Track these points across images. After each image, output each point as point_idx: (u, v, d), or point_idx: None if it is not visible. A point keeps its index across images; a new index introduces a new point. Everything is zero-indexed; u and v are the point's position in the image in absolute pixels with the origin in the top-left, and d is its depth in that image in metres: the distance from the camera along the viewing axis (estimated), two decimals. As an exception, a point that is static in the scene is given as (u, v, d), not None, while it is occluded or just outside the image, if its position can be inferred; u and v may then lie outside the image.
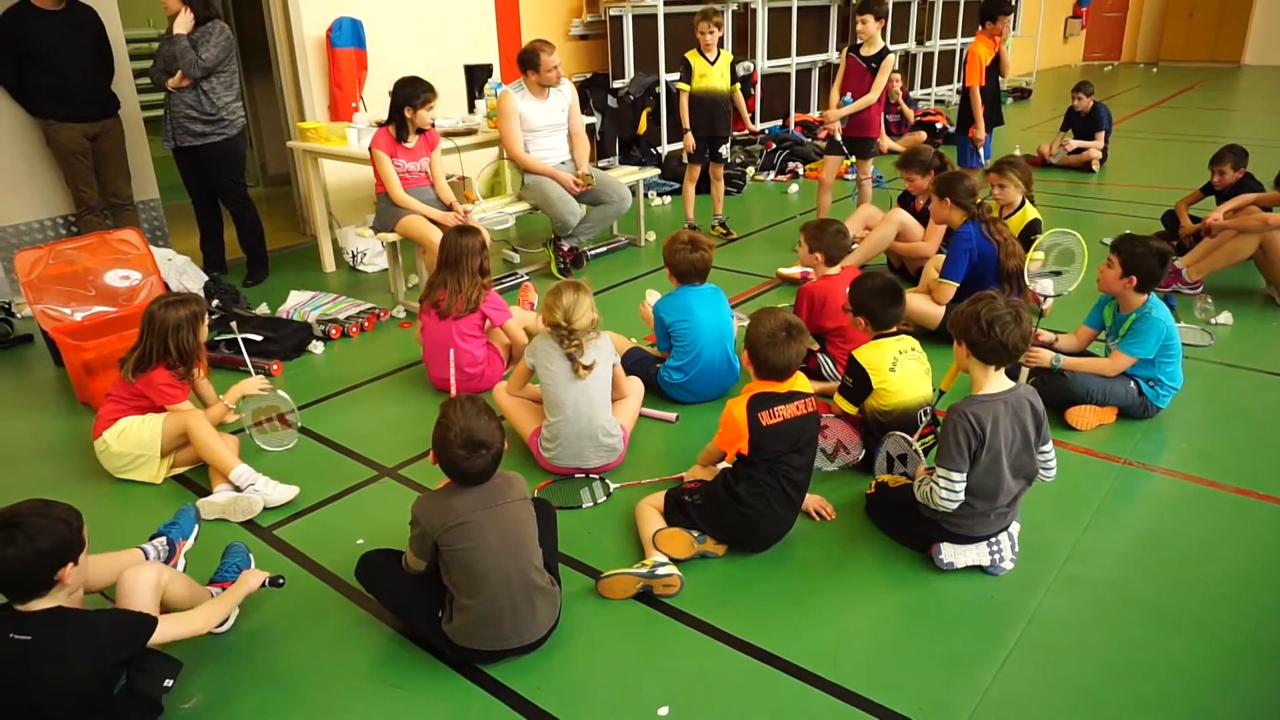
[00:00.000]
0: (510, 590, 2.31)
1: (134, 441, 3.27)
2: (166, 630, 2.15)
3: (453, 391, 2.84)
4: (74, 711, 1.98)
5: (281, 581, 2.53)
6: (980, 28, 6.28)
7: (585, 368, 3.17)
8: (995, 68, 6.29)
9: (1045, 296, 3.67)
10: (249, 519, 3.08)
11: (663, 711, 2.22)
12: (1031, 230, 4.50)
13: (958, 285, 4.20)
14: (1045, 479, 2.70)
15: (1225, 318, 4.57)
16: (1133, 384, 3.54)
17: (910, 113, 9.76)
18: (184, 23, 4.87)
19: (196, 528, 2.90)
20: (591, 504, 3.13)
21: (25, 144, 5.03)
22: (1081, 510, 3.03)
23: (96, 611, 2.16)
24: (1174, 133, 7.56)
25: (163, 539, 2.75)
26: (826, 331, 3.82)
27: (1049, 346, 3.66)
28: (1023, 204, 4.68)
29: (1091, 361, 3.62)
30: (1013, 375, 3.18)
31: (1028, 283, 3.76)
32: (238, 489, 3.15)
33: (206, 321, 3.34)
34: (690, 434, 3.58)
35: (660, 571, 2.63)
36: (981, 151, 6.44)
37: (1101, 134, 8.15)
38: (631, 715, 2.22)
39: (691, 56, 5.89)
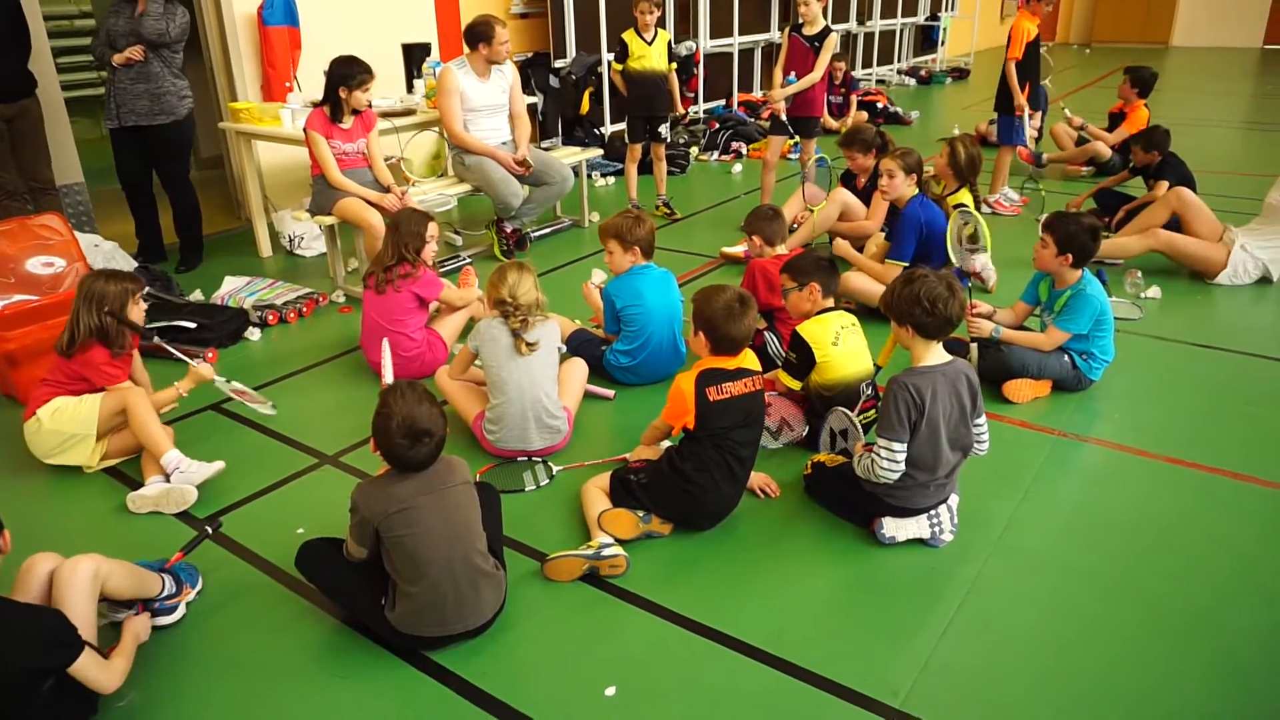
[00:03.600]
0: (454, 575, 2.28)
1: (69, 419, 3.17)
2: (85, 664, 2.04)
3: (386, 380, 2.81)
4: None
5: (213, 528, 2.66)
6: (1025, 4, 6.25)
7: (529, 344, 3.15)
8: (1036, 46, 6.23)
9: (984, 275, 3.75)
10: (184, 510, 3.01)
11: (610, 692, 2.22)
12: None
13: (906, 265, 4.26)
14: (979, 452, 2.75)
15: (1154, 292, 4.70)
16: (1066, 357, 3.63)
17: (853, 98, 9.68)
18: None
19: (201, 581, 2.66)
20: (534, 487, 3.11)
21: (-63, 126, 4.80)
22: (1019, 481, 3.09)
23: (39, 608, 2.09)
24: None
25: (169, 576, 2.55)
26: (775, 309, 3.84)
27: (988, 318, 3.74)
28: (960, 188, 4.74)
29: (1029, 336, 3.70)
30: (961, 353, 3.24)
31: (954, 259, 3.83)
32: (169, 480, 3.07)
33: (140, 302, 3.26)
34: (634, 415, 3.57)
35: (606, 553, 2.62)
36: (1028, 128, 6.33)
37: (1040, 113, 8.28)
38: (579, 696, 2.22)
39: (629, 36, 5.86)
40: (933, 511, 2.73)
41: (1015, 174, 6.63)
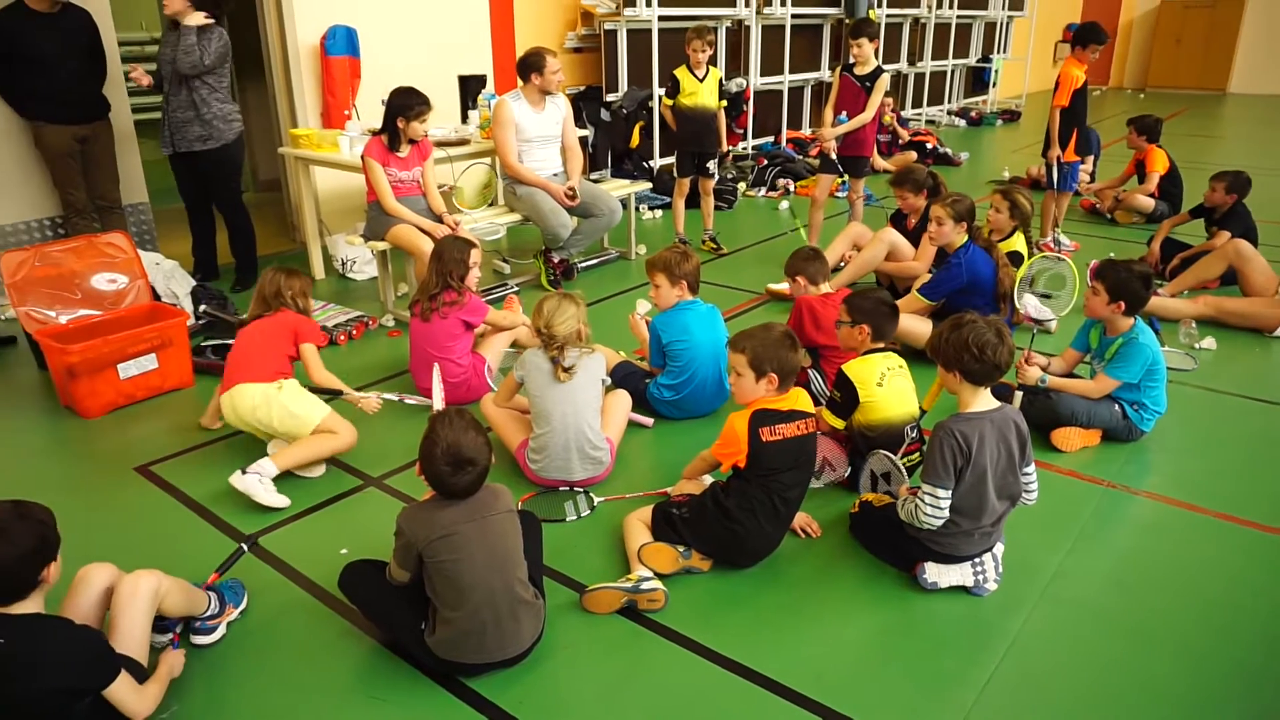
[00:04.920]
0: (494, 603, 2.30)
1: (303, 401, 3.37)
2: (120, 687, 2.03)
3: (436, 405, 2.85)
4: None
5: (249, 544, 2.72)
6: (1071, 51, 6.25)
7: (565, 369, 3.18)
8: (1084, 92, 6.18)
9: (1041, 320, 3.72)
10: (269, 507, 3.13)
11: (645, 728, 2.21)
12: (1011, 261, 4.52)
13: (931, 305, 4.24)
14: (1027, 501, 2.71)
15: (1209, 343, 4.61)
16: (1117, 407, 3.56)
17: (904, 132, 9.79)
18: (195, 19, 4.83)
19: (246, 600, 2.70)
20: (575, 517, 3.12)
21: (13, 145, 5.00)
22: (1066, 532, 3.04)
23: (79, 627, 2.06)
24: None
25: (215, 595, 2.58)
26: (820, 347, 3.83)
27: (1043, 368, 3.69)
28: (1013, 233, 4.70)
29: (1077, 383, 3.64)
30: (1005, 398, 3.20)
31: (1016, 303, 3.80)
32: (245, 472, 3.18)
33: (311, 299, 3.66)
34: (676, 450, 3.57)
35: (645, 586, 2.62)
36: (1057, 176, 6.29)
37: (1091, 158, 8.21)
38: (614, 731, 2.21)
39: (681, 73, 5.92)
40: (977, 559, 2.69)
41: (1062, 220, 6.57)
